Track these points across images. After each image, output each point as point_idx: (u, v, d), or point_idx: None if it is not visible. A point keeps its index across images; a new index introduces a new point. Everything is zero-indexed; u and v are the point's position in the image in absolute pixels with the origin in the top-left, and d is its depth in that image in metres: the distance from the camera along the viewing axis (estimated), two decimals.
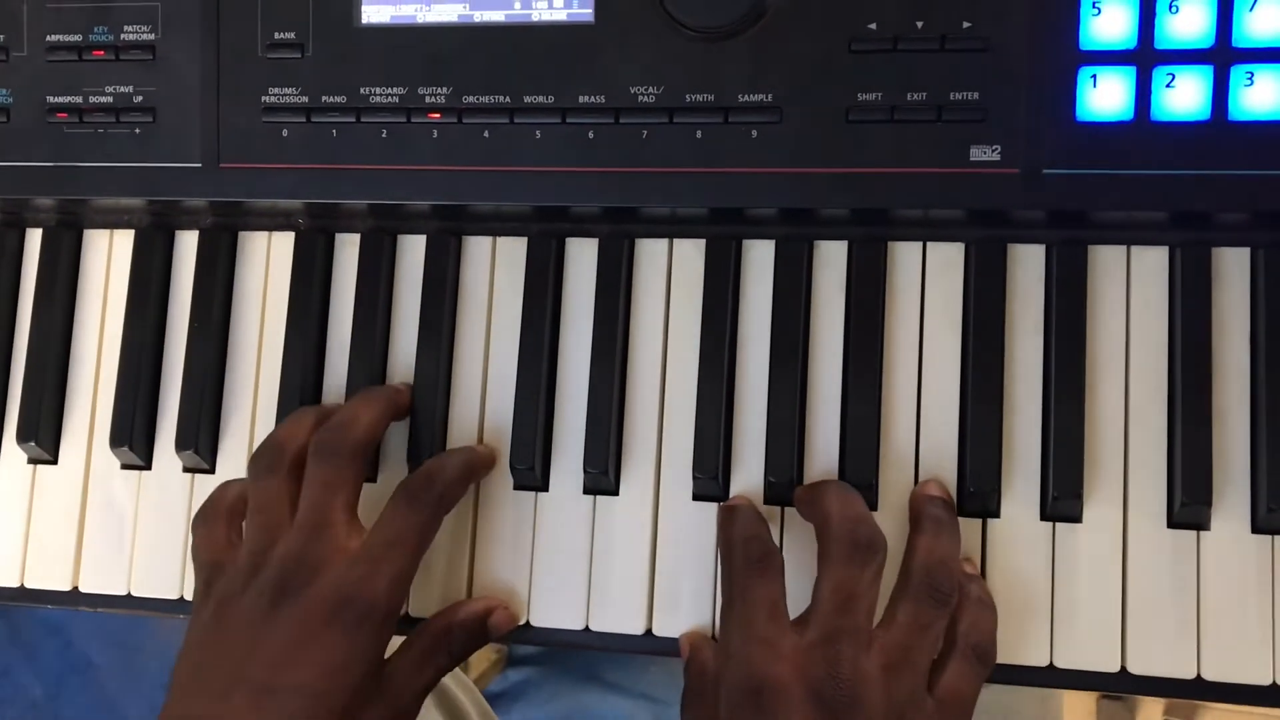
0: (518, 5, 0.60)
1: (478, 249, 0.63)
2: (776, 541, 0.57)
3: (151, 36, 0.63)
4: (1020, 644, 0.56)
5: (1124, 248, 0.58)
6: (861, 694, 0.50)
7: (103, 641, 1.71)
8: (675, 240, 0.61)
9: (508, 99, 0.60)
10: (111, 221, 0.67)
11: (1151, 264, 0.57)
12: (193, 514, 0.64)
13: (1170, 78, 0.54)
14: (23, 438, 0.65)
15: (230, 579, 0.56)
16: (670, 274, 0.61)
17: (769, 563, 0.54)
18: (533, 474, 0.60)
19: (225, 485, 0.61)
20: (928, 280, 0.59)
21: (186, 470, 0.65)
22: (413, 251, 0.64)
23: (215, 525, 0.59)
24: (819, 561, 0.54)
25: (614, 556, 0.60)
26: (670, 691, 0.87)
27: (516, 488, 0.61)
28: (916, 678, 0.52)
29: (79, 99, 0.64)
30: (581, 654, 0.59)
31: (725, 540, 0.56)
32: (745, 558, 0.54)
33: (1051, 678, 0.56)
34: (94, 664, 1.71)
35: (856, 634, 0.51)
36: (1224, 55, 0.54)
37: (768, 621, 0.52)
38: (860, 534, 0.53)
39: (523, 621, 0.60)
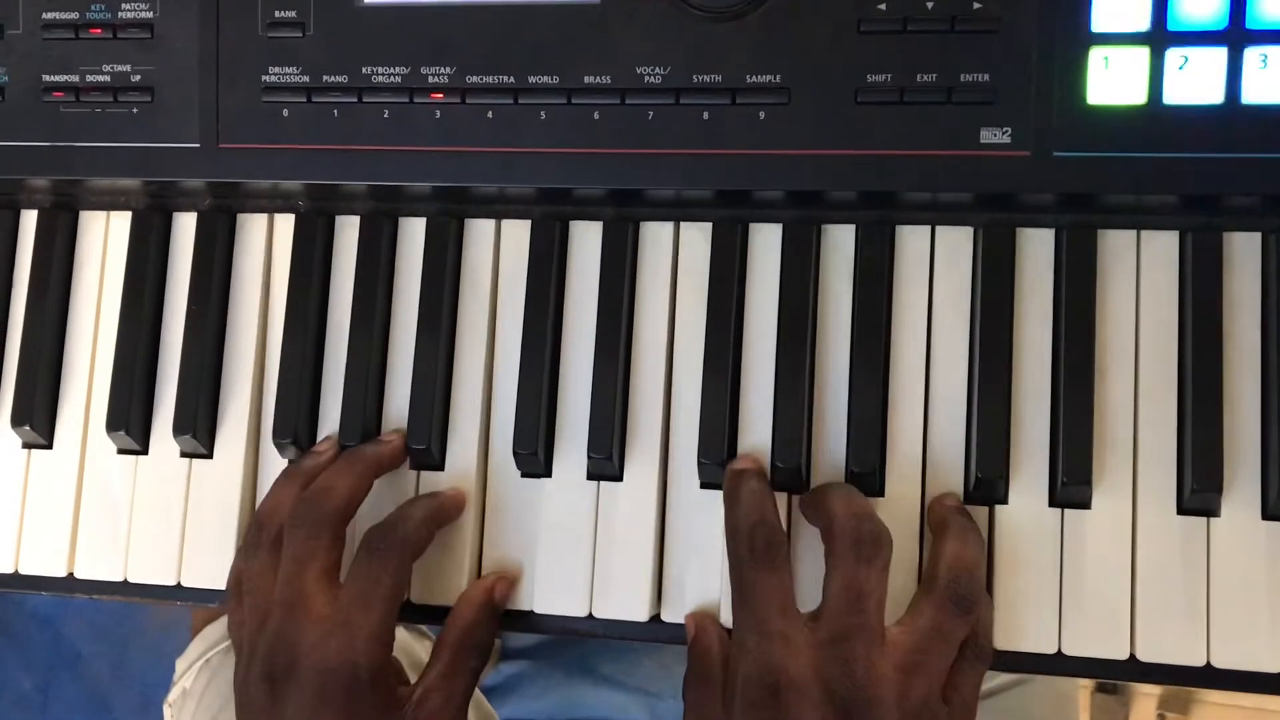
0: None
1: (480, 232, 0.62)
2: (783, 528, 0.56)
3: (150, 15, 0.62)
4: (1029, 631, 0.56)
5: (1134, 232, 0.57)
6: (876, 694, 0.50)
7: (92, 634, 1.70)
8: (681, 224, 0.61)
9: (512, 79, 0.59)
10: (108, 203, 0.66)
11: (1162, 248, 0.57)
12: (190, 499, 0.63)
13: (1183, 60, 0.54)
14: (17, 422, 0.65)
15: (240, 663, 0.57)
16: (676, 258, 0.61)
17: (775, 552, 0.54)
18: (536, 459, 0.60)
19: (235, 563, 0.61)
20: (936, 264, 0.58)
21: (184, 455, 0.64)
22: (414, 234, 0.63)
23: (233, 606, 0.60)
24: (826, 560, 0.53)
25: (618, 543, 0.59)
26: (664, 684, 0.87)
27: (521, 474, 0.61)
28: (933, 683, 0.52)
29: (76, 78, 0.63)
30: (575, 647, 0.58)
31: (731, 523, 0.56)
32: (751, 548, 0.54)
33: (1060, 665, 0.56)
34: (83, 656, 1.70)
35: (869, 632, 0.51)
36: (1238, 37, 0.54)
37: (781, 615, 0.52)
38: (864, 530, 0.53)
39: (526, 608, 0.60)
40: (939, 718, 0.52)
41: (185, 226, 0.65)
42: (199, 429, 0.63)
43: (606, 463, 0.59)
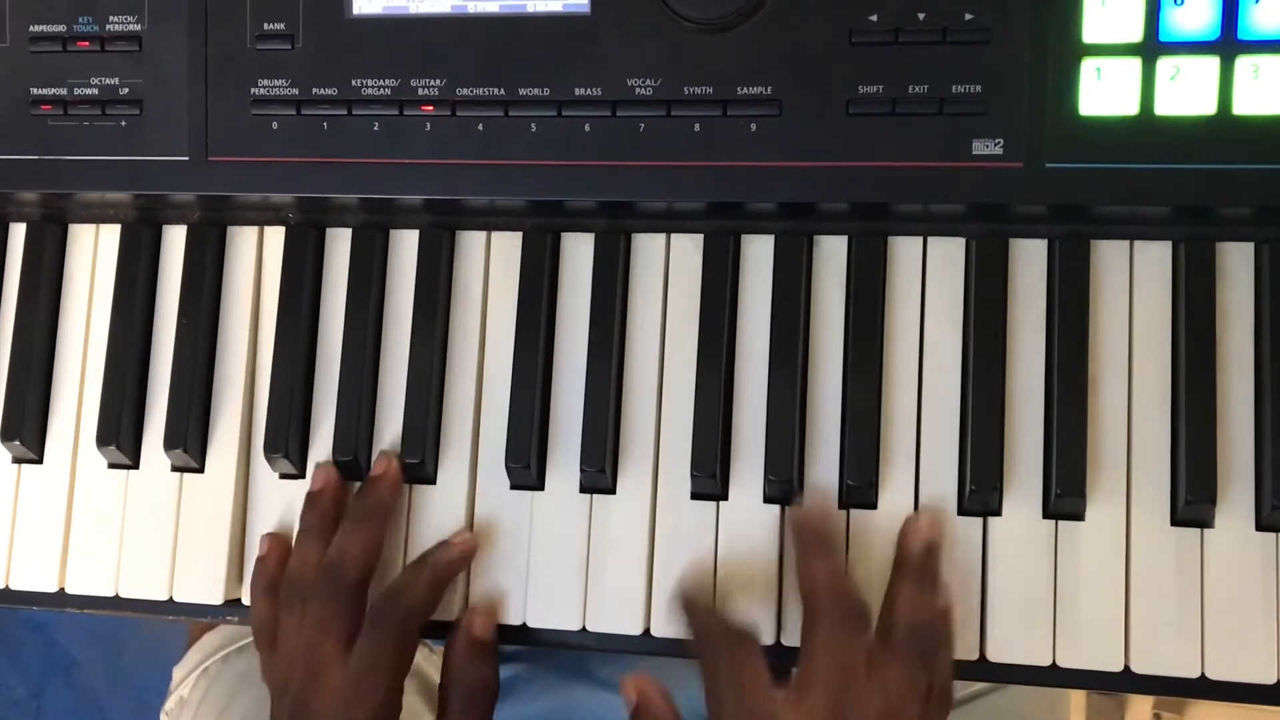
0: None
1: (471, 244, 0.62)
2: (775, 542, 0.57)
3: (138, 27, 0.62)
4: (1023, 643, 0.56)
5: (1127, 242, 0.57)
6: None
7: (86, 639, 1.70)
8: (673, 235, 0.60)
9: (502, 91, 0.59)
10: (97, 216, 0.66)
11: (1155, 259, 0.57)
12: (182, 513, 0.63)
13: (1175, 71, 0.54)
14: (6, 437, 0.64)
15: (274, 705, 0.59)
16: (668, 270, 0.60)
17: (751, 643, 0.53)
18: (528, 473, 0.59)
19: (264, 610, 0.61)
20: (929, 276, 0.58)
21: (175, 469, 0.64)
22: (405, 247, 0.63)
23: (266, 649, 0.60)
24: (806, 623, 0.53)
25: (611, 556, 0.59)
26: None
27: (512, 487, 0.60)
28: None
29: (64, 91, 0.62)
30: (571, 650, 0.59)
31: (698, 630, 0.55)
32: (726, 642, 0.53)
33: (1054, 677, 0.56)
34: (77, 662, 1.69)
35: (864, 704, 0.51)
36: (1229, 48, 0.53)
37: (764, 696, 0.52)
38: (852, 603, 0.53)
39: (519, 622, 0.60)
40: None
41: (175, 239, 0.65)
42: (190, 443, 0.63)
43: (599, 475, 0.59)
